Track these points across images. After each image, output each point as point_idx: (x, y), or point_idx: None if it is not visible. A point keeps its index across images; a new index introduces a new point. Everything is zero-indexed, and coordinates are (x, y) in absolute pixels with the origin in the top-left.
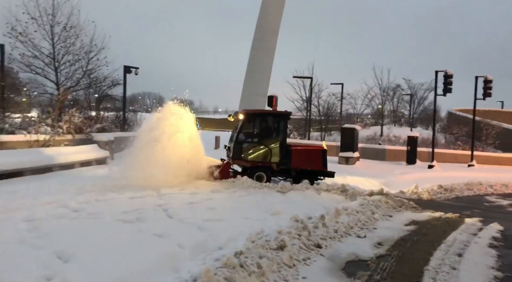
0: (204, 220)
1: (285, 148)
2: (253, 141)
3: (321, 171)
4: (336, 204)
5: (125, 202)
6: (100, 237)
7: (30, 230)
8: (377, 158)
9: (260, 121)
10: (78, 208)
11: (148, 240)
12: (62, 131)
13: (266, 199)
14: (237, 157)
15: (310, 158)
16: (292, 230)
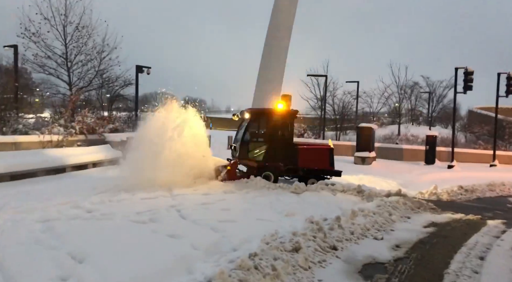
0: (218, 221)
1: (292, 147)
2: (259, 140)
3: (328, 170)
4: (352, 205)
5: (138, 202)
6: (113, 238)
7: (44, 231)
8: (394, 158)
9: (266, 119)
10: (92, 208)
11: (161, 241)
12: (75, 131)
13: (280, 200)
14: (244, 157)
15: (317, 157)
16: (307, 231)
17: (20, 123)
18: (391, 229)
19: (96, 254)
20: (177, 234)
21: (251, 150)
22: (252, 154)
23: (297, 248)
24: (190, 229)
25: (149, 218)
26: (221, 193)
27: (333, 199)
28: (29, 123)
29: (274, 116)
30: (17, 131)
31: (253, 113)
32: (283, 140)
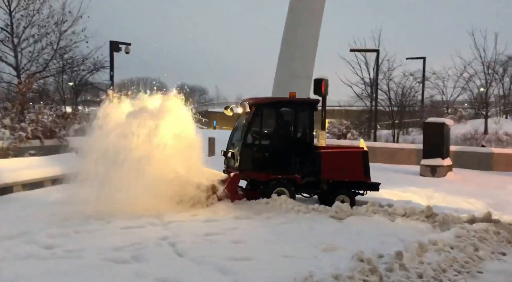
0: (228, 258)
1: (313, 152)
2: (267, 144)
3: (362, 182)
4: (419, 235)
5: (116, 234)
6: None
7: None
8: (479, 167)
9: (275, 114)
10: (51, 244)
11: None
12: (26, 135)
13: (315, 228)
14: (246, 167)
15: (347, 165)
16: (355, 273)
17: None
18: (478, 270)
19: None
20: (171, 278)
21: (256, 158)
22: (258, 162)
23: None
24: (188, 271)
25: (131, 255)
26: (231, 219)
27: (391, 227)
28: None
29: (286, 109)
30: None
31: (257, 105)
32: (300, 143)
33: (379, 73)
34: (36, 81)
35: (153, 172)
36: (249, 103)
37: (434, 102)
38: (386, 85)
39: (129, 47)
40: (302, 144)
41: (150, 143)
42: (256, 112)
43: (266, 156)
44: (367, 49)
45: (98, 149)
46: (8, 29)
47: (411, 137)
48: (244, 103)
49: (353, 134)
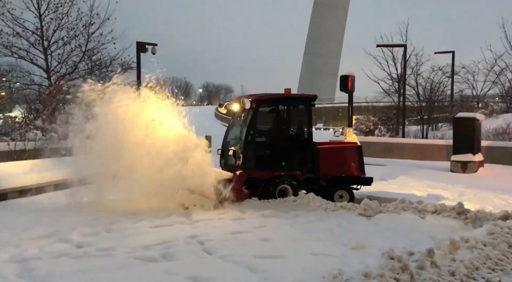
0: (256, 257)
1: (312, 148)
2: (269, 141)
3: (357, 177)
4: (451, 233)
5: (146, 232)
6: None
7: (20, 275)
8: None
9: (275, 110)
10: (83, 242)
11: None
12: (58, 136)
13: (343, 226)
14: (249, 166)
15: (344, 161)
16: (385, 271)
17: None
18: None
19: None
20: (201, 276)
21: (258, 155)
22: (261, 160)
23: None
24: (218, 269)
25: (161, 253)
26: (258, 218)
27: (421, 224)
28: None
29: (286, 106)
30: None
31: (259, 101)
32: (301, 139)
33: (407, 68)
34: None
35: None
36: (251, 100)
37: (464, 97)
38: (414, 80)
39: (156, 48)
40: (302, 140)
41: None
42: (257, 109)
43: (268, 153)
44: (394, 44)
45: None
46: (38, 32)
47: (440, 133)
48: (245, 100)
49: (380, 131)
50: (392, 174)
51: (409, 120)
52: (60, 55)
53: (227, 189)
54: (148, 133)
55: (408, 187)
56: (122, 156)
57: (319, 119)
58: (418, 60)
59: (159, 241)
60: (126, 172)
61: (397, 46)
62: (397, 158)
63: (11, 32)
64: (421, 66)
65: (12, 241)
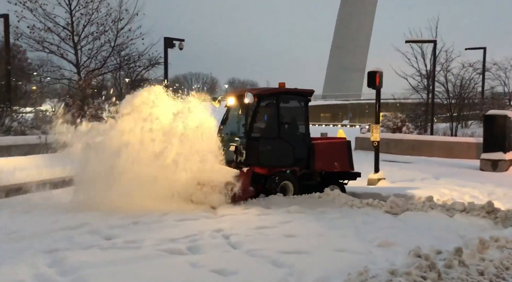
0: (281, 252)
1: (309, 144)
2: (270, 136)
3: (346, 173)
4: (480, 232)
5: (172, 226)
6: (141, 274)
7: (51, 265)
8: None
9: (276, 105)
10: (111, 234)
11: (205, 278)
12: None
13: (369, 223)
14: (253, 162)
15: (336, 156)
16: (412, 269)
17: (15, 120)
18: None
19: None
20: (226, 270)
21: (261, 151)
22: (263, 156)
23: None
24: (243, 263)
25: (187, 246)
26: (283, 214)
27: (449, 222)
28: (26, 119)
29: (286, 100)
30: (11, 131)
31: (261, 96)
32: (299, 134)
33: (436, 65)
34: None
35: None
36: (253, 94)
37: (495, 94)
38: (444, 76)
39: (183, 43)
40: (300, 135)
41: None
42: (259, 103)
43: (270, 149)
44: (423, 40)
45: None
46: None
47: (470, 131)
48: (248, 94)
49: (408, 128)
50: (420, 172)
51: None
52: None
53: (236, 186)
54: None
55: (436, 185)
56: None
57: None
58: (448, 56)
59: (185, 234)
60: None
61: (427, 42)
62: (425, 155)
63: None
64: (451, 62)
65: (42, 232)
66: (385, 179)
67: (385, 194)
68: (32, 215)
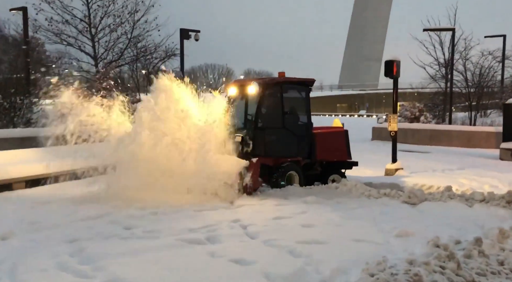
0: (298, 242)
1: (310, 133)
2: (276, 126)
3: (345, 162)
4: (500, 222)
5: (190, 216)
6: (160, 263)
7: (72, 254)
8: None
9: (280, 95)
10: (131, 224)
11: (223, 267)
12: None
13: (387, 213)
14: (260, 153)
15: (335, 145)
16: (430, 259)
17: (34, 112)
18: None
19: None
20: (244, 259)
21: (267, 141)
22: (270, 147)
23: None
24: (260, 253)
25: (205, 236)
26: (300, 204)
27: (468, 212)
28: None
29: (289, 90)
30: (30, 123)
31: (267, 85)
32: (302, 124)
33: (455, 53)
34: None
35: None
36: (258, 84)
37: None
38: (463, 65)
39: (198, 34)
40: (303, 125)
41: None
42: (264, 93)
43: (275, 139)
44: (441, 28)
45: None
46: (86, 20)
47: (489, 119)
48: (254, 83)
49: (426, 117)
50: (438, 162)
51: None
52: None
53: (247, 177)
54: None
55: (455, 175)
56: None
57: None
58: (467, 45)
59: (203, 224)
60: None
61: (445, 30)
62: (443, 145)
63: (60, 20)
64: (470, 51)
65: (63, 222)
66: (402, 169)
67: (402, 184)
68: (52, 206)
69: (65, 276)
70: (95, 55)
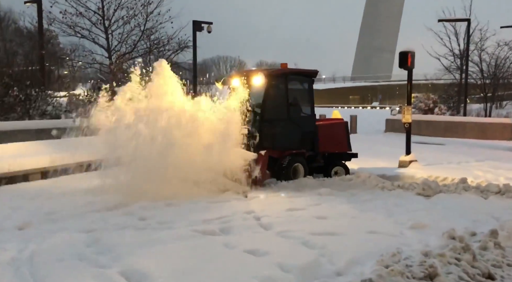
0: (312, 233)
1: (314, 125)
2: (281, 118)
3: (345, 154)
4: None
5: (205, 207)
6: (174, 254)
7: (89, 244)
8: None
9: (285, 86)
10: (145, 215)
11: (237, 258)
12: None
13: (401, 205)
14: (268, 145)
15: (337, 137)
16: (445, 251)
17: (50, 104)
18: None
19: (155, 275)
20: (258, 250)
21: (275, 133)
22: (276, 139)
23: (432, 275)
24: (275, 244)
25: (219, 227)
26: (314, 196)
27: (484, 205)
28: (60, 103)
29: (293, 81)
30: (46, 114)
31: (272, 76)
32: (306, 115)
33: (470, 44)
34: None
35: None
36: (263, 75)
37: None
38: (478, 56)
39: (211, 26)
40: (307, 117)
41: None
42: (270, 85)
43: (281, 131)
44: (456, 19)
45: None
46: (100, 12)
47: (505, 111)
48: (260, 74)
49: (440, 109)
50: (452, 154)
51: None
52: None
53: (256, 170)
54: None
55: (470, 167)
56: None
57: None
58: (483, 35)
59: (216, 215)
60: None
61: (460, 21)
62: (458, 137)
63: (74, 12)
64: (486, 41)
65: (79, 213)
66: (416, 161)
67: (416, 176)
68: (67, 197)
69: (83, 266)
70: (108, 47)
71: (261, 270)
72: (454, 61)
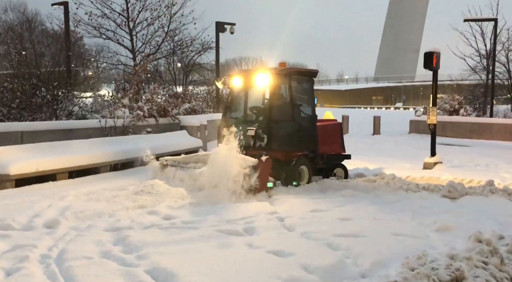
0: (336, 235)
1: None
2: (287, 119)
3: (339, 155)
4: None
5: (228, 208)
6: (199, 253)
7: (115, 243)
8: None
9: (290, 86)
10: (170, 215)
11: (261, 259)
12: (143, 113)
13: (426, 207)
14: (275, 147)
15: (332, 138)
16: (472, 254)
17: (76, 105)
18: None
19: (180, 274)
20: (282, 251)
21: (283, 135)
22: (283, 140)
23: (459, 279)
24: (298, 245)
25: (243, 228)
26: (337, 197)
27: (511, 207)
28: (86, 104)
29: (295, 81)
30: (72, 115)
31: (277, 75)
32: (309, 116)
33: (497, 44)
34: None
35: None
36: (270, 74)
37: None
38: (505, 56)
39: (234, 27)
40: (309, 117)
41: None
42: (276, 85)
43: (288, 132)
44: (483, 19)
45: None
46: (124, 14)
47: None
48: (266, 74)
49: (466, 110)
50: (478, 156)
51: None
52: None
53: (253, 177)
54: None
55: (497, 169)
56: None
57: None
58: (510, 35)
59: (240, 216)
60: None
61: (487, 20)
62: (484, 139)
63: (99, 14)
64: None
65: (105, 212)
66: (442, 163)
67: (442, 178)
68: (94, 196)
69: (110, 264)
70: (133, 48)
71: (285, 271)
72: (480, 61)
